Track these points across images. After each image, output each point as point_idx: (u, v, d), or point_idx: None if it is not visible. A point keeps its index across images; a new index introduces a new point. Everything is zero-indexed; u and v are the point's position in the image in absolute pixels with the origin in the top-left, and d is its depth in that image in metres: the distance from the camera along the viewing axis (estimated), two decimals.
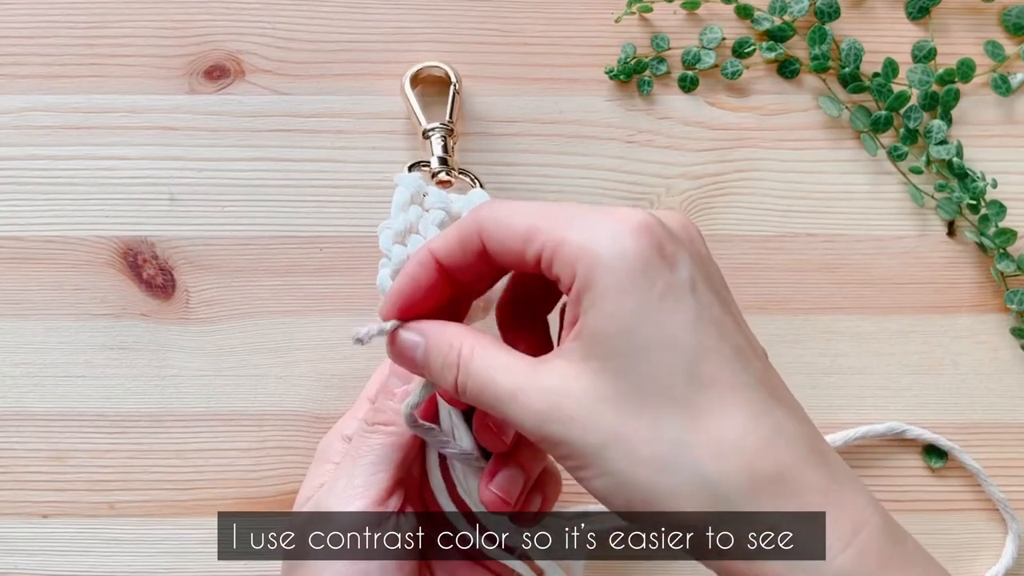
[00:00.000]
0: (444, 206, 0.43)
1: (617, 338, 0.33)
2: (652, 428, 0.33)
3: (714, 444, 0.33)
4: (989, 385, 0.50)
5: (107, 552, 0.49)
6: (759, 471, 0.33)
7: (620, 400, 0.33)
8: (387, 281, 0.42)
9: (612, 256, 0.33)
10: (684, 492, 0.33)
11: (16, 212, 0.50)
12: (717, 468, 0.33)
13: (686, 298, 0.34)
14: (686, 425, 0.33)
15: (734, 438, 0.33)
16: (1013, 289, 0.50)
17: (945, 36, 0.52)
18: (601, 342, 0.33)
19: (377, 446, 0.41)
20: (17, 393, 0.50)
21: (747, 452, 0.33)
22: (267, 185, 0.51)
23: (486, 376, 0.35)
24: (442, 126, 0.48)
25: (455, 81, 0.49)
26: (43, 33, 0.51)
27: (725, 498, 0.33)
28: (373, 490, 0.41)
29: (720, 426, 0.33)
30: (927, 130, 0.51)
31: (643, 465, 0.33)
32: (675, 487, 0.33)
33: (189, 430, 0.49)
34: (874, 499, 0.35)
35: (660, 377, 0.33)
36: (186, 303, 0.50)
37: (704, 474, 0.33)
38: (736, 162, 0.51)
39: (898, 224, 0.51)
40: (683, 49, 0.52)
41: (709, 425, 0.33)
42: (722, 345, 0.34)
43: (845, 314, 0.51)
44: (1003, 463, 0.50)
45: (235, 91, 0.51)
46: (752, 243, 0.50)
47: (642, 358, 0.33)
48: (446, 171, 0.47)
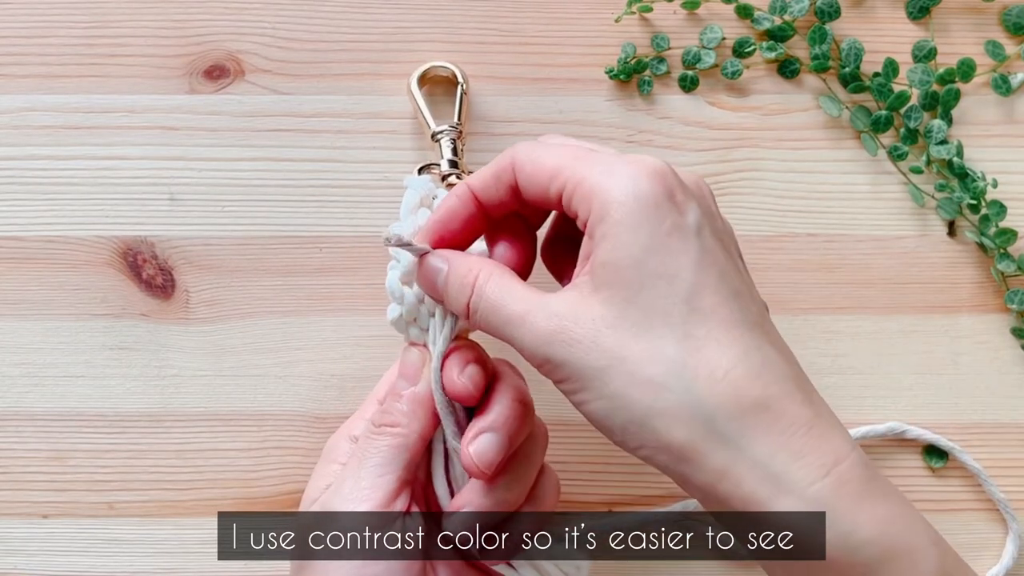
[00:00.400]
0: None
1: (625, 269, 0.36)
2: (651, 352, 0.35)
3: (707, 369, 0.35)
4: (989, 385, 0.50)
5: (107, 552, 0.49)
6: (746, 397, 0.35)
7: (623, 325, 0.36)
8: (396, 284, 0.42)
9: (626, 194, 0.36)
10: (676, 412, 0.35)
11: (16, 212, 0.50)
12: (709, 391, 0.35)
13: (691, 240, 0.36)
14: (682, 350, 0.35)
15: (726, 366, 0.35)
16: (1013, 289, 0.50)
17: (945, 36, 0.52)
18: (610, 272, 0.36)
19: (384, 448, 0.42)
20: (17, 393, 0.50)
21: (737, 380, 0.35)
22: (267, 185, 0.51)
23: (497, 299, 0.38)
24: (451, 128, 0.48)
25: (462, 82, 0.49)
26: (43, 33, 0.51)
27: (712, 419, 0.35)
28: (380, 492, 0.41)
29: (714, 354, 0.35)
30: (927, 130, 0.51)
31: (640, 385, 0.35)
32: (668, 407, 0.35)
33: (189, 430, 0.49)
34: (853, 440, 0.37)
35: (661, 306, 0.36)
36: (186, 303, 0.50)
37: (696, 395, 0.35)
38: (736, 162, 0.51)
39: (898, 224, 0.51)
40: (683, 49, 0.52)
41: (703, 353, 0.35)
42: (721, 285, 0.36)
43: (845, 314, 0.51)
44: (1003, 463, 0.50)
45: (235, 91, 0.51)
46: (752, 243, 0.50)
47: (646, 288, 0.36)
48: (456, 174, 0.47)
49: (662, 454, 0.36)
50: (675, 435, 0.35)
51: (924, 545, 0.36)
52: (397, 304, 0.42)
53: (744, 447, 0.35)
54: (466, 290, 0.39)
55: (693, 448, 0.35)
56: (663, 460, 0.36)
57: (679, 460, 0.36)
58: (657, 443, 0.36)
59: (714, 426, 0.35)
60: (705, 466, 0.35)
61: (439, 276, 0.40)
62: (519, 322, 0.37)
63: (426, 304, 0.42)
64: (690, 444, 0.35)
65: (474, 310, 0.39)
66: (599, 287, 0.36)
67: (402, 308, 0.42)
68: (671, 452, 0.35)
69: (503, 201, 0.40)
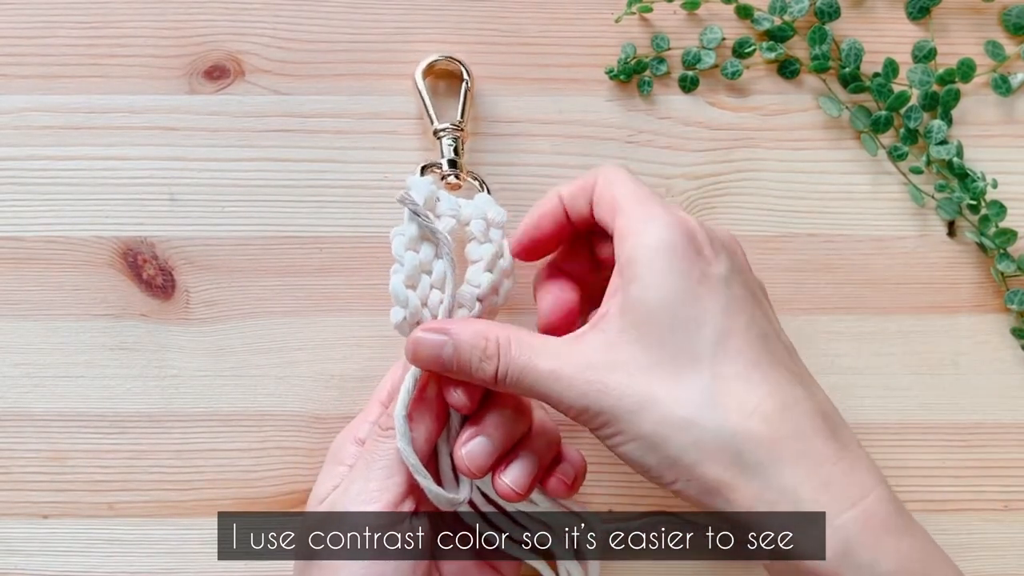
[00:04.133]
0: (455, 213, 0.44)
1: (655, 311, 0.38)
2: (682, 392, 0.37)
3: (736, 404, 0.37)
4: (989, 385, 0.50)
5: (107, 552, 0.49)
6: (774, 431, 0.37)
7: (654, 368, 0.37)
8: (400, 288, 0.42)
9: (658, 240, 0.38)
10: (708, 448, 0.36)
11: (16, 212, 0.50)
12: (739, 425, 0.36)
13: (720, 288, 0.38)
14: (712, 389, 0.37)
15: (755, 402, 0.37)
16: (1013, 289, 0.50)
17: (945, 36, 0.52)
18: (639, 312, 0.38)
19: (391, 451, 0.42)
20: (17, 393, 0.50)
21: (766, 414, 0.37)
22: (267, 185, 0.50)
23: (526, 361, 0.39)
24: (452, 127, 0.48)
25: (467, 79, 0.49)
26: (43, 33, 0.51)
27: (742, 452, 0.36)
28: (389, 494, 0.41)
29: (742, 391, 0.37)
30: (927, 130, 0.51)
31: (673, 425, 0.37)
32: (701, 443, 0.37)
33: (189, 430, 0.49)
34: (882, 475, 0.38)
35: (690, 348, 0.37)
36: (186, 303, 0.50)
37: (727, 430, 0.36)
38: (736, 162, 0.51)
39: (898, 224, 0.51)
40: (683, 49, 0.52)
41: (732, 390, 0.37)
42: (748, 330, 0.38)
43: (845, 314, 0.51)
44: (1003, 463, 0.50)
45: (235, 91, 0.51)
46: (752, 243, 0.50)
47: (676, 331, 0.37)
48: (455, 174, 0.47)
49: (694, 487, 0.37)
50: (707, 470, 0.37)
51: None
52: (401, 308, 0.42)
53: (772, 477, 0.36)
54: (492, 360, 0.39)
55: (724, 481, 0.37)
56: (695, 493, 0.37)
57: (711, 493, 0.37)
58: (690, 477, 0.37)
59: (744, 459, 0.36)
60: (734, 498, 0.37)
61: (444, 348, 0.40)
62: (553, 380, 0.38)
63: (428, 308, 0.42)
64: (722, 478, 0.37)
65: (503, 377, 0.39)
66: (627, 327, 0.38)
67: (406, 311, 0.42)
68: (704, 485, 0.37)
69: (584, 216, 0.42)
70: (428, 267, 0.43)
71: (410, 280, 0.42)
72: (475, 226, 0.44)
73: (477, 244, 0.44)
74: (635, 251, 0.38)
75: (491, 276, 0.44)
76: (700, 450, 0.37)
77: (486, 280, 0.43)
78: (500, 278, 0.44)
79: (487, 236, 0.44)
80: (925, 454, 0.50)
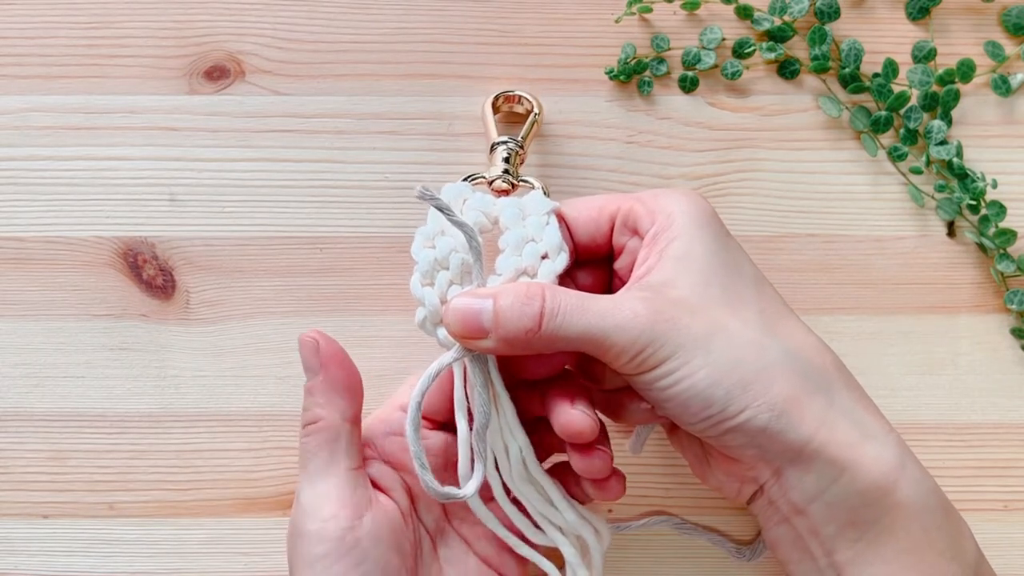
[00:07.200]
0: (483, 208, 0.43)
1: (699, 258, 0.40)
2: (742, 321, 0.39)
3: (787, 334, 0.40)
4: (989, 385, 0.50)
5: (107, 552, 0.49)
6: (824, 360, 0.40)
7: (713, 304, 0.39)
8: (416, 286, 0.42)
9: (690, 205, 0.41)
10: (779, 367, 0.38)
11: (16, 212, 0.50)
12: (800, 351, 0.40)
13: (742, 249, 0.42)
14: (764, 322, 0.40)
15: (801, 335, 0.40)
16: (1013, 289, 0.50)
17: (945, 36, 0.52)
18: (684, 263, 0.40)
19: (315, 446, 0.42)
20: (17, 393, 0.50)
21: (813, 345, 0.40)
22: (267, 185, 0.51)
23: (576, 302, 0.38)
24: (513, 140, 0.47)
25: (536, 112, 0.49)
26: (43, 33, 0.51)
27: (807, 372, 0.39)
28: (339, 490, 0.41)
29: (788, 326, 0.40)
30: (927, 130, 0.51)
31: (748, 346, 0.38)
32: (772, 363, 0.38)
33: (189, 430, 0.49)
34: None
35: (738, 288, 0.40)
36: (186, 304, 0.50)
37: (793, 351, 0.39)
38: (736, 162, 0.51)
39: (898, 224, 0.51)
40: (683, 49, 0.52)
41: (780, 324, 0.40)
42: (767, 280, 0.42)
43: (845, 314, 0.51)
44: (1003, 463, 0.50)
45: (235, 92, 0.51)
46: (752, 243, 0.50)
47: (720, 274, 0.40)
48: (504, 179, 0.46)
49: (764, 411, 0.38)
50: (781, 388, 0.38)
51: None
52: (423, 307, 0.42)
53: (835, 397, 0.39)
54: (534, 302, 0.38)
55: (796, 399, 0.38)
56: (763, 420, 0.38)
57: (782, 415, 0.38)
58: (763, 401, 0.38)
59: (809, 378, 0.39)
60: (806, 416, 0.38)
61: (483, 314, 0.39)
62: (610, 314, 0.38)
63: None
64: (794, 395, 0.38)
65: (551, 316, 0.38)
66: (675, 277, 0.40)
67: (426, 311, 0.42)
68: (776, 408, 0.38)
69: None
70: (446, 263, 0.42)
71: (426, 278, 0.42)
72: (506, 214, 0.43)
73: (508, 232, 0.43)
74: (670, 218, 0.41)
75: (517, 260, 0.42)
76: (774, 369, 0.38)
77: (511, 266, 0.42)
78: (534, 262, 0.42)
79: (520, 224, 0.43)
80: (925, 454, 0.50)
